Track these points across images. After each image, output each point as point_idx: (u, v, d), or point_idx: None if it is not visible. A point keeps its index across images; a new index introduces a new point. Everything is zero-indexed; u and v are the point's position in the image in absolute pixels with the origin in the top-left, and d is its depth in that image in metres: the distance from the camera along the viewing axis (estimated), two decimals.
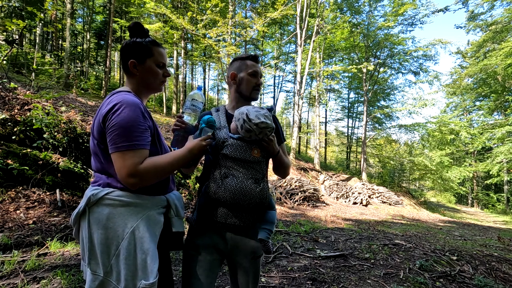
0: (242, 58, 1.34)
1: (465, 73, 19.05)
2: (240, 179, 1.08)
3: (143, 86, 1.16)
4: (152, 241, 1.00)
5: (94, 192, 1.00)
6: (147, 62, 1.13)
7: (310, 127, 29.65)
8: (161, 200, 1.10)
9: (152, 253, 0.99)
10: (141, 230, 1.00)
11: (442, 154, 18.74)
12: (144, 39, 1.14)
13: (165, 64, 1.19)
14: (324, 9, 15.55)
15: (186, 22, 11.34)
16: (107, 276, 0.97)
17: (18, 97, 4.65)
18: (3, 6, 5.68)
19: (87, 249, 0.98)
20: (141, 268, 0.96)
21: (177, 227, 1.13)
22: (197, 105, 1.21)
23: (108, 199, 1.00)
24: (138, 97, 1.14)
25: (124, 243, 0.97)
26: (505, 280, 3.03)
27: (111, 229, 0.97)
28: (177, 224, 1.13)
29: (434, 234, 6.24)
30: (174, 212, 1.13)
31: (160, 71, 1.16)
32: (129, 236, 0.98)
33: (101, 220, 0.98)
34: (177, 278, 2.53)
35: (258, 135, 1.12)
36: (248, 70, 1.31)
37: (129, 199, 1.01)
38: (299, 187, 9.54)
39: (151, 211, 1.05)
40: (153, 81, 1.16)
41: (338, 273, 2.96)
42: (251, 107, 1.16)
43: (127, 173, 0.94)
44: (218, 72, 23.60)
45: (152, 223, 1.03)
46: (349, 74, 21.91)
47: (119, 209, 1.00)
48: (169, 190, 1.18)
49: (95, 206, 1.00)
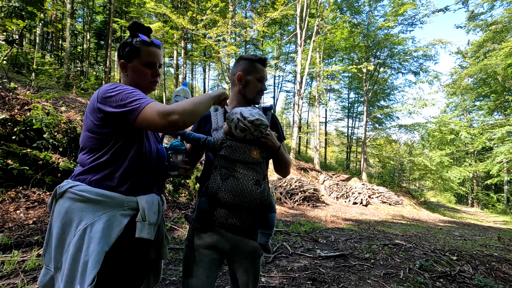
0: (252, 60, 1.31)
1: (465, 73, 19.04)
2: (240, 180, 1.08)
3: (133, 86, 1.12)
4: (102, 243, 0.92)
5: (61, 185, 0.99)
6: (134, 62, 1.11)
7: (310, 127, 29.63)
8: (129, 201, 1.02)
9: (96, 256, 0.90)
10: (94, 229, 0.93)
11: (442, 154, 18.73)
12: (134, 38, 1.12)
13: (155, 63, 1.14)
14: (324, 9, 15.55)
15: (186, 22, 11.34)
16: (57, 272, 0.94)
17: (18, 97, 4.65)
18: (3, 6, 5.68)
19: (45, 241, 0.97)
20: (81, 271, 0.89)
21: (141, 233, 1.01)
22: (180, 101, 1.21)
23: (70, 192, 0.97)
24: None
25: (74, 240, 0.92)
26: (505, 280, 3.03)
27: (66, 224, 0.94)
28: (143, 230, 1.02)
29: (434, 234, 6.24)
30: (141, 216, 1.02)
31: (147, 70, 1.13)
32: (80, 233, 0.92)
33: (61, 213, 0.96)
34: (177, 278, 2.53)
35: (253, 133, 1.10)
36: (256, 75, 1.29)
37: (90, 195, 0.95)
38: (299, 187, 9.54)
39: (114, 211, 0.98)
40: (142, 81, 1.13)
41: (338, 273, 2.96)
42: (244, 107, 1.16)
43: (162, 115, 0.90)
44: (218, 72, 23.61)
45: (110, 224, 0.95)
46: (349, 74, 21.91)
47: (78, 204, 0.96)
48: (146, 191, 1.10)
49: (60, 198, 0.98)
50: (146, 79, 1.13)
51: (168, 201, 5.20)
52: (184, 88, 1.21)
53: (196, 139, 1.19)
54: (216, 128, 1.26)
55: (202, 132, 1.33)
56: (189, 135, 1.20)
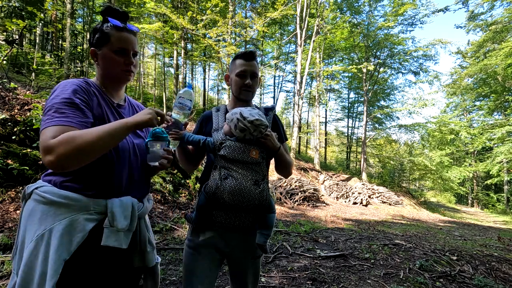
0: (235, 57, 1.32)
1: (465, 73, 19.03)
2: (239, 180, 1.08)
3: (104, 76, 1.05)
4: (60, 251, 0.82)
5: (30, 185, 0.94)
6: (104, 49, 1.01)
7: (310, 127, 29.62)
8: (96, 204, 0.91)
9: (53, 265, 0.81)
10: (52, 235, 0.83)
11: (442, 154, 18.73)
12: (105, 24, 1.02)
13: (129, 50, 1.03)
14: (324, 9, 15.54)
15: (186, 22, 11.33)
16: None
17: (18, 97, 4.65)
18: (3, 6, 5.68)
19: (14, 244, 0.91)
20: (38, 282, 0.80)
21: (107, 240, 0.89)
22: (184, 103, 1.18)
23: (35, 193, 0.90)
24: (103, 88, 1.05)
25: (30, 246, 0.83)
26: (505, 280, 3.03)
27: (28, 228, 0.87)
28: (109, 236, 0.90)
29: (434, 234, 6.24)
30: (109, 221, 0.91)
31: (119, 58, 1.02)
32: (37, 239, 0.83)
33: (25, 216, 0.90)
34: (177, 278, 2.53)
35: (253, 133, 1.11)
36: (236, 71, 1.28)
37: (53, 197, 0.87)
38: (299, 187, 9.54)
39: (78, 215, 0.88)
40: (112, 69, 1.03)
41: (338, 273, 2.96)
42: (243, 108, 1.16)
43: (42, 151, 0.79)
44: (218, 72, 23.62)
45: (70, 230, 0.85)
46: (349, 74, 21.90)
47: (41, 206, 0.88)
48: (120, 193, 0.98)
49: (28, 199, 0.92)
50: (117, 68, 1.03)
51: (168, 201, 5.19)
52: (188, 90, 1.20)
53: (196, 141, 1.19)
54: (216, 129, 1.25)
55: (203, 132, 1.33)
56: (188, 137, 1.19)
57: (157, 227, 3.92)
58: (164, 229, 3.94)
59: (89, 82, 1.03)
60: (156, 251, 1.16)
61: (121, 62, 1.02)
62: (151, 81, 28.07)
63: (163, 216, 4.49)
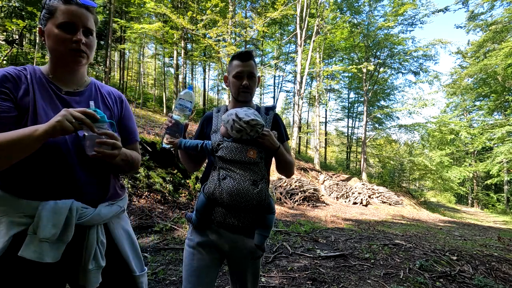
0: (231, 58, 1.31)
1: (465, 73, 19.03)
2: (237, 180, 1.08)
3: (52, 59, 0.91)
4: None
5: None
6: (48, 25, 0.87)
7: (310, 127, 29.63)
8: (28, 206, 0.79)
9: None
10: None
11: (442, 154, 18.73)
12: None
13: (77, 25, 0.87)
14: (324, 9, 15.54)
15: (186, 22, 11.33)
16: None
17: None
18: (3, 6, 5.68)
19: None
20: None
21: (24, 250, 0.75)
22: (184, 104, 1.19)
23: None
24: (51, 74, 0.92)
25: None
26: (505, 280, 3.03)
27: None
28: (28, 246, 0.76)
29: (434, 234, 6.24)
30: (33, 227, 0.77)
31: (65, 35, 0.86)
32: None
33: None
34: (177, 278, 2.53)
35: (249, 133, 1.11)
36: (232, 72, 1.27)
37: None
38: (299, 187, 9.54)
39: (3, 217, 0.79)
40: (58, 49, 0.87)
41: (338, 273, 2.96)
42: (239, 108, 1.16)
43: None
44: (218, 72, 23.61)
45: None
46: (349, 74, 21.90)
47: None
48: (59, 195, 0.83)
49: None
50: (63, 46, 0.86)
51: (168, 201, 5.20)
52: (188, 92, 1.20)
53: (193, 146, 1.19)
54: (215, 130, 1.26)
55: (204, 133, 1.33)
56: (185, 143, 1.19)
57: (157, 227, 3.92)
58: (164, 229, 3.94)
59: (32, 68, 0.91)
60: (156, 251, 1.11)
61: (68, 39, 0.86)
62: (151, 81, 28.07)
63: (163, 216, 4.49)
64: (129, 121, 1.12)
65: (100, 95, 1.04)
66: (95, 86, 1.04)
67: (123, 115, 1.09)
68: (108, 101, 1.05)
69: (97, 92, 1.03)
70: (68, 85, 0.95)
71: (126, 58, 23.61)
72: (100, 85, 1.07)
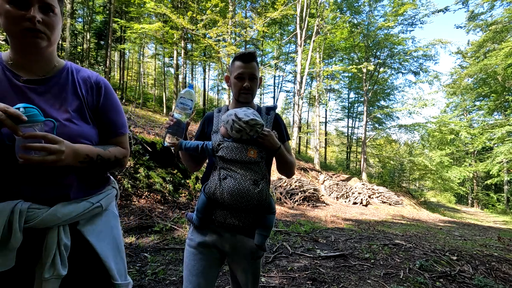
0: (234, 59, 1.31)
1: (465, 73, 19.03)
2: (238, 180, 1.08)
3: (10, 41, 0.79)
4: None
5: None
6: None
7: (310, 127, 29.63)
8: None
9: None
10: None
11: (442, 154, 18.73)
12: None
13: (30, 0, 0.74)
14: (324, 9, 15.55)
15: (186, 22, 11.34)
16: None
17: None
18: None
19: None
20: None
21: None
22: (185, 103, 1.19)
23: None
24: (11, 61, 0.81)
25: None
26: (505, 280, 3.03)
27: None
28: None
29: (434, 234, 6.24)
30: None
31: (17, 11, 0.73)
32: None
33: None
34: (177, 278, 2.53)
35: (249, 133, 1.11)
36: (234, 73, 1.27)
37: None
38: (299, 187, 9.54)
39: None
40: (10, 28, 0.75)
41: (338, 273, 2.96)
42: (238, 108, 1.16)
43: None
44: (218, 72, 23.62)
45: None
46: (349, 74, 21.91)
47: None
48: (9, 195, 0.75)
49: None
50: (15, 25, 0.74)
51: (168, 201, 5.20)
52: (189, 90, 1.20)
53: (194, 147, 1.19)
54: (216, 131, 1.26)
55: (205, 133, 1.34)
56: (186, 145, 1.19)
57: (157, 227, 3.92)
58: (164, 229, 3.94)
59: None
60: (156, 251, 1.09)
61: (20, 16, 0.73)
62: (151, 81, 28.09)
63: (163, 216, 4.49)
64: (110, 112, 0.96)
65: (72, 83, 0.90)
66: (69, 72, 0.91)
67: (101, 104, 0.94)
68: (80, 89, 0.90)
69: (67, 79, 0.89)
70: (30, 72, 0.82)
71: (126, 58, 23.62)
72: (77, 70, 0.94)
